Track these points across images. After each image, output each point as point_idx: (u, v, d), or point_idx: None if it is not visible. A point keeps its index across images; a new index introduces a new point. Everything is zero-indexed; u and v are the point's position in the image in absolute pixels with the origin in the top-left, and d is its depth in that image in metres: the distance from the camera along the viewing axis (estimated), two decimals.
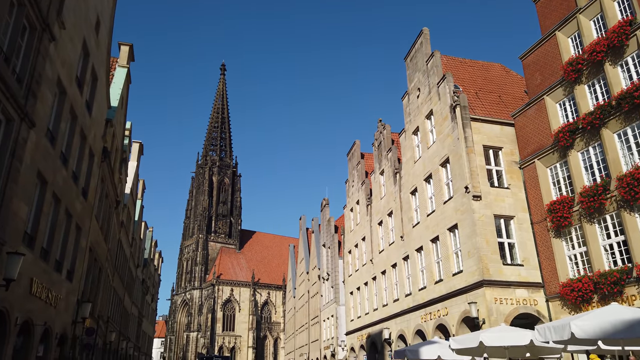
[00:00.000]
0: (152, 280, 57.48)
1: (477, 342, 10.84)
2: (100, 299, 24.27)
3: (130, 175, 34.14)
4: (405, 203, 28.64)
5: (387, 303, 30.75)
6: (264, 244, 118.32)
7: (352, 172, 41.00)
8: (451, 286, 22.17)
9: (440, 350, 14.31)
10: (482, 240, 20.41)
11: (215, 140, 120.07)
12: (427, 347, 14.73)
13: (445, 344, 14.85)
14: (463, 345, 11.36)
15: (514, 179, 22.00)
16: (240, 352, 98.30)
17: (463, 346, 11.37)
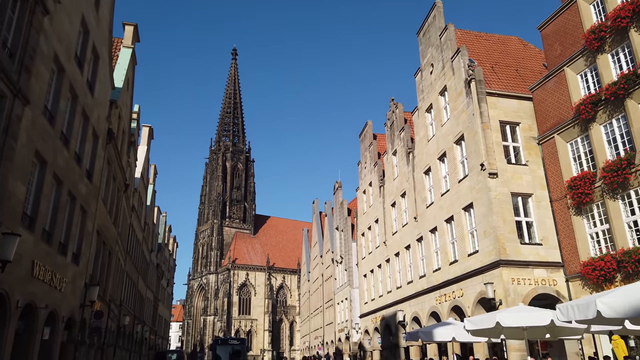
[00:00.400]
0: (167, 265, 57.83)
1: (494, 322, 10.25)
2: (112, 283, 24.19)
3: (140, 159, 33.91)
4: (418, 183, 27.92)
5: (401, 285, 30.26)
6: (278, 228, 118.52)
7: (365, 153, 40.26)
8: (466, 267, 21.53)
9: (455, 331, 13.75)
10: (499, 219, 19.67)
11: (228, 125, 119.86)
12: (441, 329, 14.18)
13: (460, 325, 14.28)
14: (478, 326, 10.78)
15: (532, 156, 21.12)
16: (256, 335, 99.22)
17: (478, 327, 10.79)
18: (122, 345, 30.65)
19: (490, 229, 19.77)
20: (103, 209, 20.21)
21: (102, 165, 19.13)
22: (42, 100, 12.58)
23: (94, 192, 18.06)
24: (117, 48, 23.44)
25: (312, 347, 61.08)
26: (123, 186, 24.85)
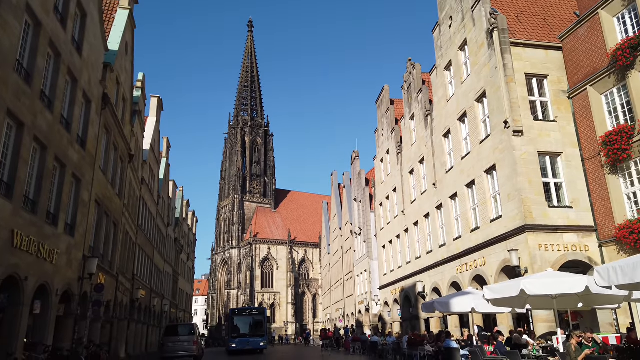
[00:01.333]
0: (186, 239, 57.77)
1: (517, 290, 8.89)
2: (120, 256, 23.55)
3: (149, 130, 33.02)
4: (437, 147, 26.25)
5: (420, 255, 28.96)
6: (299, 202, 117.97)
7: (381, 120, 38.53)
8: (489, 234, 20.04)
9: (475, 301, 12.42)
10: (524, 180, 18.01)
11: (246, 100, 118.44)
12: (459, 299, 12.87)
13: (480, 294, 12.92)
14: (500, 294, 9.43)
15: (561, 111, 19.24)
16: (280, 308, 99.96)
17: (500, 296, 9.44)
18: (138, 318, 30.38)
19: (515, 191, 18.15)
20: (102, 178, 19.31)
21: (98, 132, 18.13)
22: (12, 55, 11.43)
23: (89, 159, 17.11)
24: (113, 9, 22.16)
25: (333, 319, 60.79)
26: (127, 156, 23.95)
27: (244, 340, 30.37)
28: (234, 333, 31.18)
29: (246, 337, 30.48)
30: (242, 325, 31.27)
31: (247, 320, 31.64)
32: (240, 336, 30.73)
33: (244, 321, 31.52)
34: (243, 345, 30.10)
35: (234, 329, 31.17)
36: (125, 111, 23.31)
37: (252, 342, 30.28)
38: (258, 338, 30.73)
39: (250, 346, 30.01)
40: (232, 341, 30.84)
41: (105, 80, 18.79)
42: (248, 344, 30.03)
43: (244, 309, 35.16)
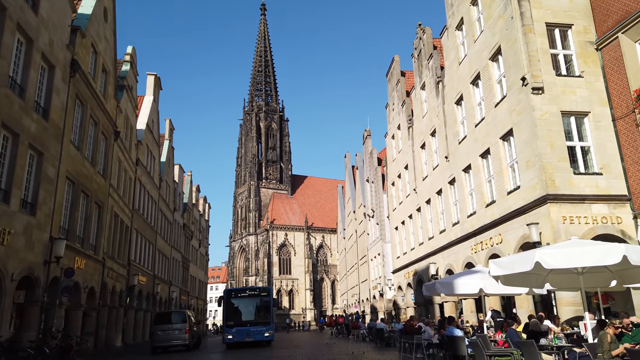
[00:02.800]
0: (197, 225, 56.63)
1: (531, 263, 6.81)
2: (107, 240, 22.10)
3: (145, 110, 31.47)
4: (449, 116, 23.93)
5: (433, 235, 26.84)
6: (316, 188, 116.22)
7: (392, 93, 36.18)
8: (506, 207, 17.80)
9: (484, 282, 10.35)
10: (546, 144, 15.68)
11: (260, 85, 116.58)
12: (464, 279, 10.81)
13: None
14: (510, 269, 7.33)
15: (588, 64, 16.75)
16: (298, 294, 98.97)
17: (510, 271, 7.34)
18: (137, 306, 29.12)
19: (535, 157, 15.85)
20: (76, 154, 17.71)
21: (67, 102, 16.45)
22: None
23: (53, 131, 15.47)
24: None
25: (349, 305, 59.16)
26: (112, 133, 22.36)
27: (243, 330, 23.64)
28: (230, 320, 24.16)
29: (246, 326, 23.79)
30: (240, 310, 24.79)
31: (248, 304, 24.93)
32: (239, 324, 23.99)
33: (243, 304, 24.92)
34: (242, 337, 23.42)
35: (230, 315, 24.44)
36: (108, 84, 21.64)
37: (253, 332, 23.59)
38: (261, 327, 23.96)
39: (252, 337, 23.44)
40: (227, 331, 23.85)
41: (75, 46, 17.05)
42: (248, 335, 23.39)
43: (243, 289, 27.43)
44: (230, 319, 24.24)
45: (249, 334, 23.55)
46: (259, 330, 23.90)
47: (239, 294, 25.92)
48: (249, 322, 24.26)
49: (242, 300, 25.18)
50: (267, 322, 24.43)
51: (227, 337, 23.73)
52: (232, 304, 24.97)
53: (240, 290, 27.62)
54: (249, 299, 25.24)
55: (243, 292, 26.48)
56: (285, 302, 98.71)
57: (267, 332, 24.15)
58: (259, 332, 23.85)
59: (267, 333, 24.15)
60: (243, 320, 24.39)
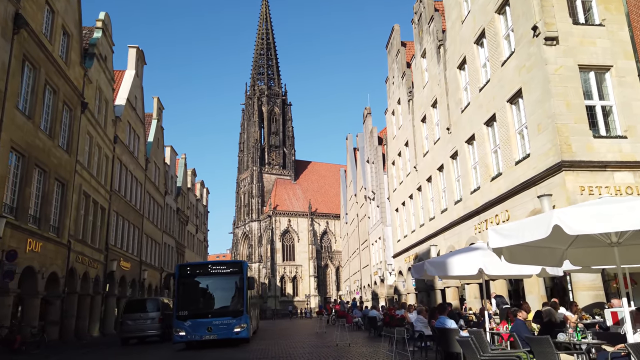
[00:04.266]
0: (193, 210, 54.83)
1: (548, 229, 4.69)
2: (74, 221, 20.20)
3: (126, 85, 29.40)
4: (451, 83, 21.64)
5: (434, 216, 24.71)
6: (319, 173, 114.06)
7: (392, 65, 33.81)
8: (513, 180, 15.60)
9: (484, 260, 8.22)
10: (560, 103, 13.42)
11: (262, 68, 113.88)
12: (460, 257, 8.68)
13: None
14: (515, 239, 5.11)
15: (610, 11, 14.39)
16: (302, 281, 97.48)
17: (515, 241, 5.15)
18: (119, 293, 27.34)
19: (548, 119, 13.59)
20: (25, 122, 15.71)
21: (9, 62, 14.38)
22: None
23: None
24: None
25: (352, 291, 57.38)
26: (78, 104, 20.32)
27: (203, 323, 16.58)
28: (183, 309, 16.86)
29: (207, 318, 16.68)
30: (199, 295, 17.79)
31: (210, 285, 17.80)
32: (196, 315, 16.76)
33: (203, 286, 17.87)
34: (200, 333, 16.48)
35: (184, 302, 17.19)
36: (70, 49, 19.55)
37: (217, 326, 16.57)
38: (230, 319, 16.83)
39: (215, 334, 16.46)
40: (179, 325, 16.66)
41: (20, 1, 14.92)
42: (210, 331, 16.41)
43: (204, 264, 19.32)
44: (184, 307, 16.85)
45: (210, 329, 16.38)
46: (225, 324, 16.62)
47: (197, 271, 18.04)
48: (212, 312, 16.98)
49: (201, 280, 17.83)
50: (238, 312, 16.94)
51: (178, 333, 16.47)
52: (186, 285, 17.52)
53: (200, 265, 19.12)
54: (212, 278, 17.69)
55: (203, 267, 18.36)
56: (289, 288, 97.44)
57: (238, 327, 16.66)
58: (226, 327, 16.59)
59: (239, 327, 16.64)
60: (202, 309, 17.11)
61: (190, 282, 17.79)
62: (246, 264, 18.34)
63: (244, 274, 17.66)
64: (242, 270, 17.77)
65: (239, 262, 18.54)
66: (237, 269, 17.85)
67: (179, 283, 17.29)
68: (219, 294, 17.72)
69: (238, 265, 18.20)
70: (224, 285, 17.70)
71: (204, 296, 17.89)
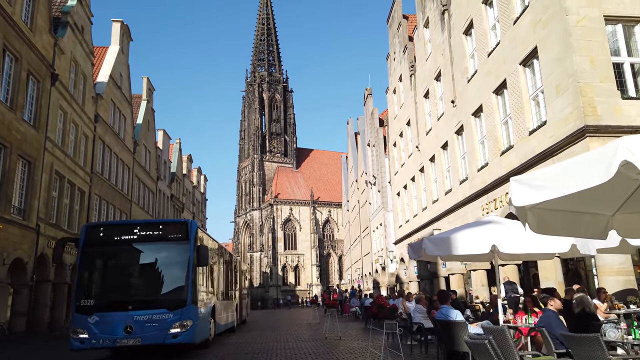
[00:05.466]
0: (189, 197, 53.24)
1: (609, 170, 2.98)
2: (47, 205, 18.58)
3: (109, 61, 27.60)
4: (456, 51, 19.74)
5: (438, 198, 22.96)
6: (322, 161, 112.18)
7: (393, 40, 31.84)
8: (527, 152, 13.79)
9: (497, 236, 6.47)
10: (583, 59, 11.56)
11: (263, 54, 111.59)
12: (467, 233, 6.93)
13: (509, 224, 6.96)
14: (554, 190, 3.34)
15: None
16: (304, 270, 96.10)
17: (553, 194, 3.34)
18: None
19: (568, 78, 11.74)
20: None
21: None
22: None
23: None
24: None
25: (353, 280, 55.85)
26: (47, 76, 18.58)
27: (117, 318, 10.57)
28: (88, 297, 11.07)
29: (125, 310, 10.65)
30: (113, 273, 11.92)
31: (133, 258, 11.56)
32: (106, 306, 10.80)
33: (123, 258, 11.75)
34: (112, 335, 10.45)
35: (90, 284, 11.51)
36: (36, 14, 17.78)
37: (141, 325, 10.52)
38: (164, 312, 10.71)
39: (137, 338, 10.45)
40: (78, 322, 10.66)
41: None
42: (129, 332, 10.44)
43: (126, 225, 12.74)
44: (89, 294, 11.09)
45: (130, 329, 10.39)
46: (156, 321, 10.53)
47: (114, 236, 11.53)
48: (133, 302, 10.84)
49: (120, 251, 11.52)
50: (178, 302, 10.83)
51: (78, 335, 10.46)
52: (95, 257, 11.47)
53: (120, 226, 12.71)
54: (137, 247, 11.39)
55: (125, 230, 11.67)
56: (291, 278, 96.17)
57: (177, 326, 10.58)
58: (156, 326, 10.51)
59: (178, 327, 10.57)
60: (118, 297, 11.07)
61: (103, 253, 11.47)
62: (195, 225, 11.74)
63: (190, 241, 11.21)
64: (188, 236, 11.27)
65: (183, 223, 11.90)
66: (179, 234, 11.39)
67: (83, 254, 11.08)
68: (148, 272, 11.46)
69: (181, 227, 11.63)
70: (157, 259, 11.41)
71: (123, 275, 11.57)
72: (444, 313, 6.82)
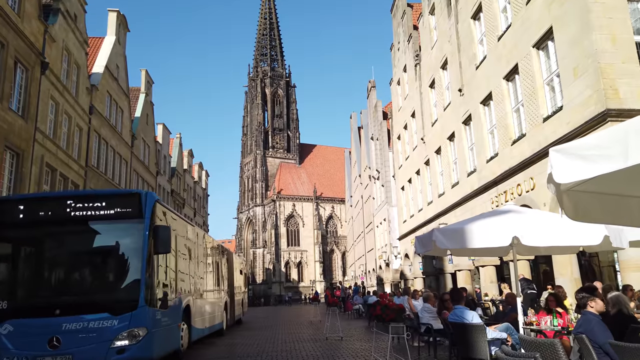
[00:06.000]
0: (190, 193, 52.53)
1: None
2: None
3: (105, 52, 26.82)
4: (464, 37, 18.86)
5: (444, 192, 22.13)
6: (325, 157, 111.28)
7: (397, 30, 30.92)
8: (541, 140, 12.94)
9: (518, 226, 5.66)
10: (604, 38, 10.69)
11: (265, 49, 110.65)
12: (484, 224, 6.13)
13: (530, 213, 6.16)
14: (609, 162, 2.63)
15: None
16: (307, 266, 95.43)
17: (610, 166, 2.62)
18: None
19: (587, 58, 10.87)
20: None
21: None
22: None
23: None
24: None
25: (356, 276, 55.12)
26: (37, 64, 17.82)
27: (38, 327, 7.61)
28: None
29: (50, 316, 7.67)
30: (36, 265, 8.53)
31: (63, 244, 8.72)
32: (26, 311, 7.85)
33: (49, 244, 8.74)
34: (32, 350, 7.45)
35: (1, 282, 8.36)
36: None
37: (71, 336, 7.50)
38: (106, 317, 7.71)
39: (67, 354, 7.43)
40: None
41: None
42: (55, 346, 7.46)
43: (54, 198, 9.36)
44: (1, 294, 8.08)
45: (56, 342, 7.53)
46: (93, 330, 7.66)
47: (35, 215, 8.39)
48: (62, 305, 7.95)
49: (42, 234, 8.61)
50: (124, 303, 7.94)
51: None
52: (7, 245, 8.55)
53: (44, 200, 9.22)
54: (65, 228, 8.50)
55: (52, 205, 8.58)
56: (294, 274, 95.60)
57: (124, 337, 7.73)
58: (92, 337, 7.62)
59: (126, 339, 7.73)
60: (41, 298, 8.32)
61: (18, 238, 8.52)
62: (153, 198, 8.71)
63: (145, 219, 8.28)
64: (142, 212, 8.31)
65: (134, 194, 8.74)
66: (128, 209, 8.38)
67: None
68: (84, 263, 8.65)
69: (131, 200, 8.56)
70: (97, 245, 8.53)
71: (47, 268, 8.62)
72: (458, 314, 6.02)
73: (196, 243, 12.63)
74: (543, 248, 7.16)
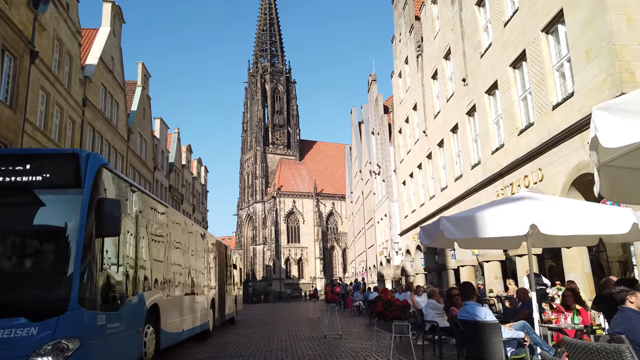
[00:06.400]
0: (189, 188, 51.96)
1: None
2: None
3: (99, 43, 26.20)
4: (468, 25, 18.24)
5: (447, 185, 21.54)
6: (325, 153, 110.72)
7: (398, 21, 30.26)
8: (550, 129, 12.33)
9: (535, 213, 5.07)
10: (619, 18, 10.08)
11: (265, 44, 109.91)
12: (497, 211, 5.56)
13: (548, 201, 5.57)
14: None
15: None
16: (307, 263, 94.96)
17: None
18: None
19: (601, 41, 10.25)
20: None
21: None
22: None
23: None
24: None
25: (357, 273, 54.59)
26: (26, 53, 17.21)
27: None
28: None
29: None
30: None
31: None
32: None
33: None
34: None
35: None
36: None
37: None
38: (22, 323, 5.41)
39: None
40: None
41: None
42: None
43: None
44: None
45: None
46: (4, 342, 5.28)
47: None
48: None
49: None
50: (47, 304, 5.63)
51: None
52: None
53: None
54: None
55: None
56: (294, 271, 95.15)
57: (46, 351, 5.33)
58: (3, 351, 5.27)
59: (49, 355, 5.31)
60: None
61: None
62: (98, 161, 6.48)
63: (84, 189, 6.08)
64: (80, 179, 6.13)
65: (70, 155, 6.53)
66: (61, 175, 6.23)
67: None
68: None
69: (65, 162, 6.38)
70: (13, 224, 6.26)
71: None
72: (469, 311, 5.44)
73: (171, 227, 10.33)
74: (560, 239, 6.56)
